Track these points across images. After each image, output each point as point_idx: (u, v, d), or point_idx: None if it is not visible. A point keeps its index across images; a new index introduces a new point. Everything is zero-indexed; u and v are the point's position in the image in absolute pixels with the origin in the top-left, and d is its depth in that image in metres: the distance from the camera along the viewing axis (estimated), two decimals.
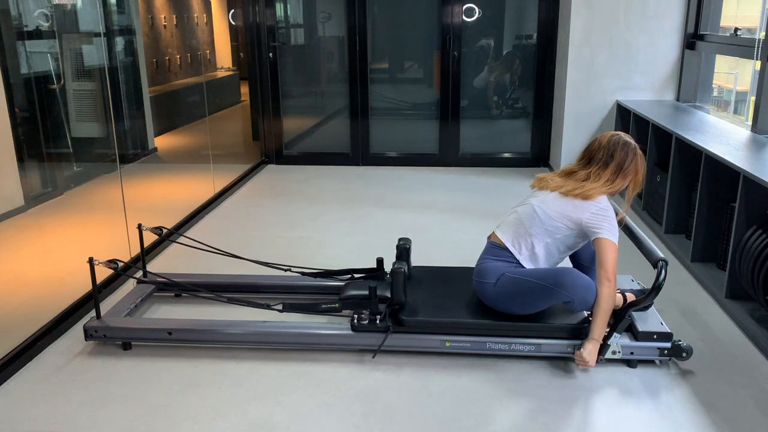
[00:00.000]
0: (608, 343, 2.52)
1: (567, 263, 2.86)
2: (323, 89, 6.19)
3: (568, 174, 2.66)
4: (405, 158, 6.02)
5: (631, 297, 2.70)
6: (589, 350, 2.47)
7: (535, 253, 2.61)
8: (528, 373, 2.54)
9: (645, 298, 2.47)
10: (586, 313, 2.65)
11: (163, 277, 3.07)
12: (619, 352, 2.53)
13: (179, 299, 3.22)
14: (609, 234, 2.48)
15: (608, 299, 2.46)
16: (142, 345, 2.75)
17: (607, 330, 2.54)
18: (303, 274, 3.16)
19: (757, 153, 3.20)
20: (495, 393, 2.41)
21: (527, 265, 2.62)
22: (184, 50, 6.65)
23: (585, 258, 2.78)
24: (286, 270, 3.17)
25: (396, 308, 2.66)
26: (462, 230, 4.14)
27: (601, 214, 2.51)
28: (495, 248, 2.68)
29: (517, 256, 2.61)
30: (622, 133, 2.67)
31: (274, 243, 4.00)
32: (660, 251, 2.46)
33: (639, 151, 2.66)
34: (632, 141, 2.66)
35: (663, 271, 2.37)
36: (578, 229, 2.55)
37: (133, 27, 5.30)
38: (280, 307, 2.84)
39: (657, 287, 2.37)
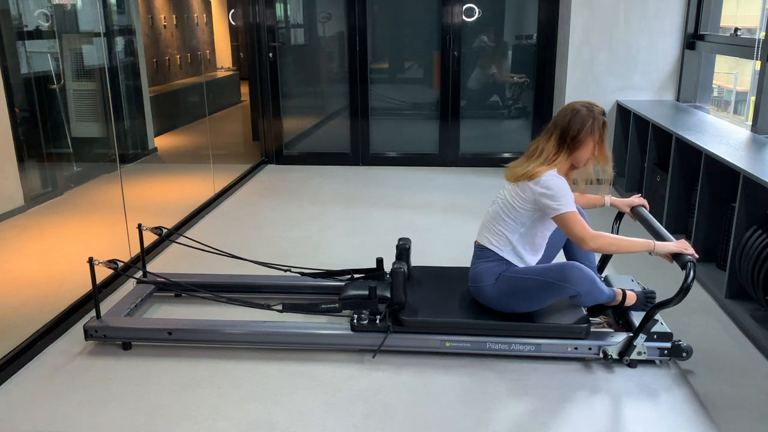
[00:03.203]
0: (634, 343, 2.51)
1: (560, 257, 2.85)
2: (323, 89, 6.19)
3: (527, 154, 2.60)
4: (405, 158, 6.02)
5: (631, 296, 2.69)
6: (663, 246, 2.40)
7: (515, 246, 2.60)
8: (528, 373, 2.54)
9: (673, 298, 2.40)
10: (585, 311, 2.65)
11: (163, 277, 3.07)
12: (644, 353, 2.53)
13: (179, 299, 3.22)
14: (562, 207, 2.43)
15: (610, 245, 2.45)
16: (142, 345, 2.75)
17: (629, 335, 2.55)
18: (303, 274, 3.15)
19: (757, 153, 3.20)
20: (495, 393, 2.41)
21: (512, 259, 2.61)
22: (184, 50, 6.65)
23: (577, 251, 2.78)
24: (285, 270, 3.17)
25: (396, 308, 2.66)
26: (462, 230, 4.14)
27: (545, 192, 2.44)
28: (481, 251, 2.68)
29: (501, 254, 2.62)
30: (584, 100, 2.55)
31: (274, 243, 4.00)
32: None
33: (598, 116, 2.49)
34: (591, 106, 2.50)
35: (692, 273, 2.34)
36: (539, 209, 2.51)
37: (133, 27, 5.30)
38: (280, 307, 2.84)
39: (686, 288, 2.34)
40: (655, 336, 2.52)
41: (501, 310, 2.63)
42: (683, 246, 2.41)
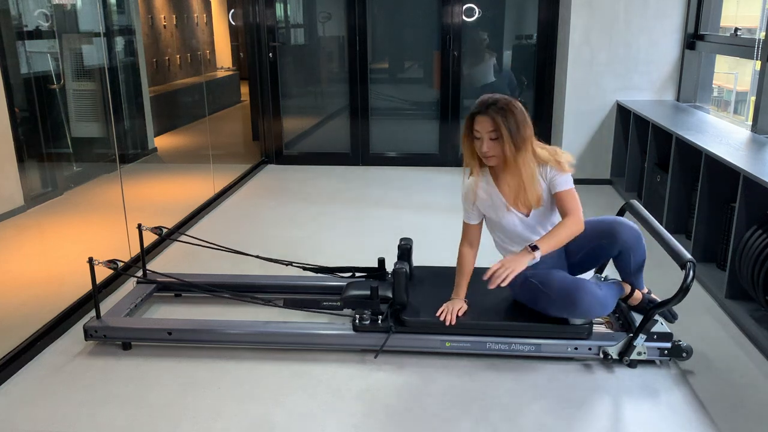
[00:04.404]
0: (634, 344, 2.51)
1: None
2: (323, 89, 6.19)
3: None
4: (405, 158, 6.02)
5: (637, 294, 2.69)
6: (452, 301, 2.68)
7: (500, 252, 2.73)
8: (528, 373, 2.54)
9: (673, 298, 2.41)
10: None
11: (164, 276, 3.07)
12: (644, 353, 2.53)
13: (179, 299, 3.22)
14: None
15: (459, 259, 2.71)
16: (142, 345, 2.75)
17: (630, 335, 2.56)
18: (304, 269, 3.16)
19: (757, 153, 3.20)
20: (495, 393, 2.41)
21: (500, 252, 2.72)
22: (184, 50, 6.65)
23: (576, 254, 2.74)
24: (287, 265, 3.17)
25: (397, 308, 2.66)
26: None
27: None
28: None
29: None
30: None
31: (275, 243, 4.00)
32: (687, 252, 2.44)
33: (473, 109, 2.44)
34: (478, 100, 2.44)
35: (691, 273, 2.34)
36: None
37: (133, 27, 5.30)
38: (281, 303, 2.84)
39: (685, 288, 2.34)
40: (655, 336, 2.52)
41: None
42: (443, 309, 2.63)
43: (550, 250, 2.36)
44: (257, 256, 3.26)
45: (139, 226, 3.15)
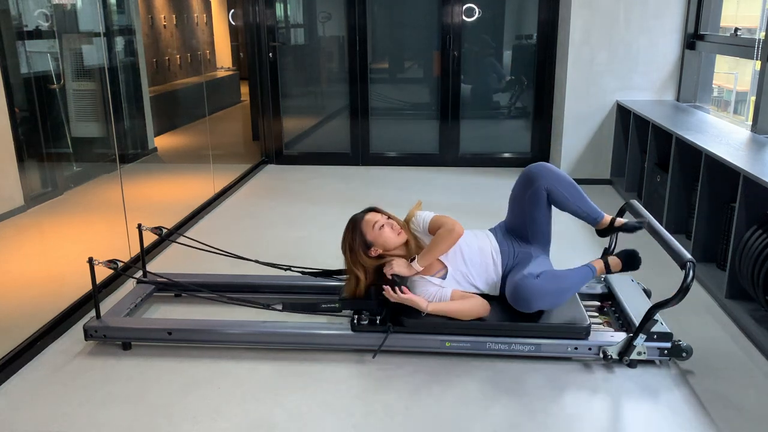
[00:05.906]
0: (634, 344, 2.51)
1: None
2: (323, 89, 6.19)
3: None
4: (405, 158, 6.02)
5: (606, 219, 2.75)
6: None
7: None
8: (528, 373, 2.54)
9: (673, 298, 2.41)
10: (586, 313, 2.65)
11: (163, 277, 3.07)
12: (644, 353, 2.53)
13: (179, 299, 3.22)
14: None
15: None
16: (142, 345, 2.75)
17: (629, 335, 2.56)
18: (303, 273, 3.16)
19: (757, 153, 3.20)
20: (495, 393, 2.41)
21: None
22: (184, 50, 6.65)
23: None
24: (286, 269, 3.17)
25: (396, 308, 2.65)
26: None
27: None
28: None
29: None
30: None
31: (274, 243, 4.00)
32: (687, 252, 2.44)
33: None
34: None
35: (691, 273, 2.35)
36: None
37: (133, 27, 5.30)
38: (280, 306, 2.84)
39: (685, 288, 2.35)
40: (655, 336, 2.52)
41: None
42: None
43: (428, 263, 2.67)
44: (256, 261, 3.26)
45: (139, 226, 3.15)
